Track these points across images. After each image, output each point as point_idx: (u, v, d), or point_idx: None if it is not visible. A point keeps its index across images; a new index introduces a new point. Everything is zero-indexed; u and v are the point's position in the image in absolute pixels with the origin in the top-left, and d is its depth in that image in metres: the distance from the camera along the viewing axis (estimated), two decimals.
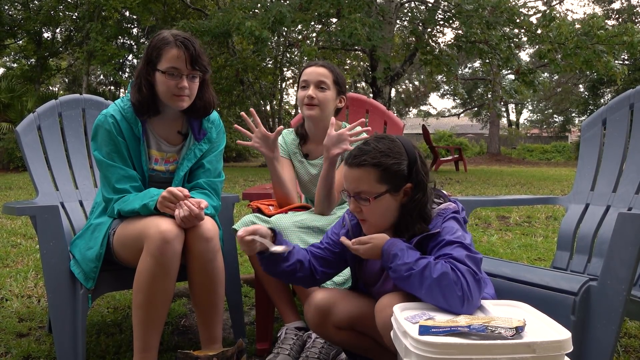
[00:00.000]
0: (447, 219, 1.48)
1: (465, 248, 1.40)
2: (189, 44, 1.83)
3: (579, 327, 1.47)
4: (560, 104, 30.70)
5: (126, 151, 1.89)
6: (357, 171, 1.49)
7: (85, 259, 1.85)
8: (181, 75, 1.84)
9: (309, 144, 2.29)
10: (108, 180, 1.88)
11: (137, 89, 1.89)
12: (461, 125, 38.38)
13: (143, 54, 1.91)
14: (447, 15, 13.27)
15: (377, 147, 1.49)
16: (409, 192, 1.51)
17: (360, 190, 1.50)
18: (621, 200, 2.13)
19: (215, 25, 11.42)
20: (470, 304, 1.32)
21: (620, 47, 11.46)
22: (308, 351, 1.89)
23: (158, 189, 1.84)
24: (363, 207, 1.51)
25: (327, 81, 2.15)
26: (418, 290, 1.37)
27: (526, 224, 5.25)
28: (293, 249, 1.64)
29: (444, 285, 1.31)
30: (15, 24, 18.52)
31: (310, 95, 2.13)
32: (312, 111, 2.15)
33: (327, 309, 1.63)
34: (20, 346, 2.15)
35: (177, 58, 1.82)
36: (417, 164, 1.51)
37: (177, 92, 1.85)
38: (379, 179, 1.48)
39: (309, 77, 2.15)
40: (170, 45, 1.83)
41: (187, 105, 1.91)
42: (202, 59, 1.86)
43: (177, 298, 2.84)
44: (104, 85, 23.65)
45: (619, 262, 1.45)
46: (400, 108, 32.63)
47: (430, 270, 1.34)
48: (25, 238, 4.39)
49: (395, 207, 1.52)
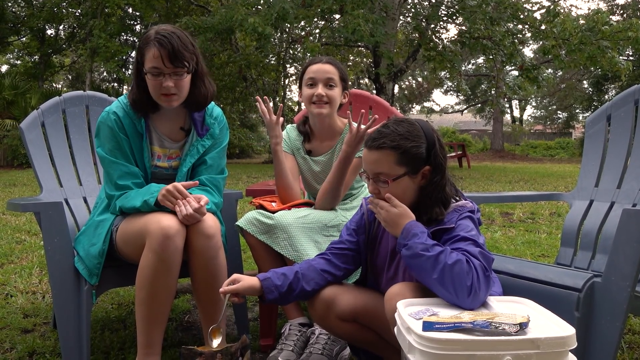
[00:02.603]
0: (462, 217, 1.49)
1: (478, 246, 1.40)
2: (166, 42, 1.76)
3: (583, 323, 1.46)
4: (564, 100, 30.58)
5: (128, 148, 1.89)
6: (376, 153, 1.51)
7: (89, 255, 1.86)
8: (163, 74, 1.80)
9: (312, 141, 2.28)
10: (110, 176, 1.89)
11: (132, 88, 1.91)
12: (464, 121, 38.29)
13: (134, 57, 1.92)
14: (451, 11, 13.21)
15: (396, 130, 1.51)
16: (428, 175, 1.52)
17: (379, 172, 1.51)
18: (626, 196, 2.12)
19: (218, 21, 11.42)
20: (476, 297, 1.32)
21: (624, 42, 11.41)
22: (312, 347, 1.89)
23: (158, 184, 1.85)
24: (381, 188, 1.52)
25: (335, 78, 2.14)
26: (429, 273, 1.36)
27: (530, 221, 5.24)
28: (293, 275, 1.63)
29: (456, 272, 1.32)
30: (19, 21, 18.55)
31: (320, 93, 2.11)
32: (322, 109, 2.13)
33: (331, 301, 1.64)
34: (25, 342, 2.16)
35: (155, 58, 1.78)
36: (436, 147, 1.52)
37: (164, 90, 1.82)
38: (398, 162, 1.49)
39: (317, 75, 2.13)
40: (149, 46, 1.79)
41: (177, 103, 1.89)
42: (183, 54, 1.79)
43: (181, 294, 2.85)
44: (107, 82, 23.69)
45: (623, 259, 1.45)
46: (404, 104, 32.56)
47: (445, 255, 1.35)
48: (29, 234, 4.41)
49: (413, 190, 1.53)
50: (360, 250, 1.70)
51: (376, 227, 1.69)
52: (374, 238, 1.69)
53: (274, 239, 2.00)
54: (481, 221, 1.58)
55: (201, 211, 1.75)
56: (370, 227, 1.69)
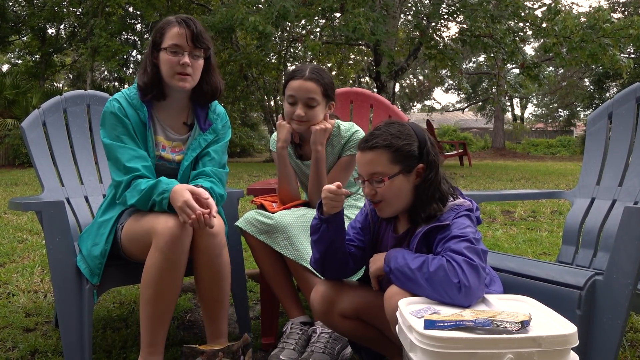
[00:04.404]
0: (459, 215, 1.49)
1: (467, 241, 1.41)
2: (190, 22, 1.88)
3: (585, 321, 1.46)
4: (566, 98, 30.53)
5: (134, 133, 1.90)
6: (370, 154, 1.53)
7: (91, 255, 1.86)
8: (183, 52, 1.87)
9: (303, 146, 2.25)
10: (118, 161, 1.85)
11: (142, 71, 1.94)
12: (465, 119, 38.24)
13: (150, 40, 1.95)
14: (452, 9, 13.20)
15: (387, 131, 1.54)
16: (422, 173, 1.54)
17: (374, 172, 1.53)
18: (627, 194, 2.12)
19: (218, 20, 11.41)
20: (468, 290, 1.32)
21: (626, 40, 11.40)
22: (313, 346, 1.89)
23: (167, 183, 1.80)
24: (378, 189, 1.54)
25: (317, 97, 2.07)
26: (419, 285, 1.39)
27: (531, 219, 5.24)
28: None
29: (441, 276, 1.34)
30: (20, 20, 18.56)
31: (300, 114, 2.06)
32: (301, 126, 2.11)
33: (334, 297, 1.65)
34: (27, 341, 2.16)
35: (178, 35, 1.86)
36: (427, 145, 1.55)
37: (180, 69, 1.87)
38: (392, 160, 1.51)
39: (297, 94, 2.06)
40: (172, 25, 1.89)
41: (190, 86, 1.91)
42: (204, 37, 1.89)
43: (183, 293, 2.85)
44: (108, 81, 23.69)
45: (625, 256, 1.45)
46: (405, 103, 32.56)
47: (427, 265, 1.38)
48: (31, 234, 4.41)
49: (408, 189, 1.54)
50: (366, 250, 1.71)
51: (378, 227, 1.70)
52: (376, 238, 1.70)
53: (274, 239, 2.00)
54: (481, 219, 1.58)
55: (209, 223, 1.75)
56: (375, 227, 1.70)
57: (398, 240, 1.61)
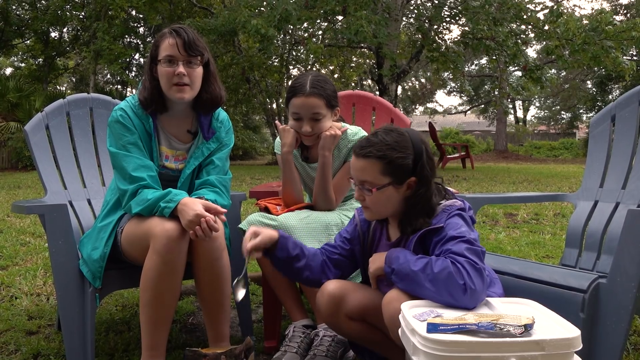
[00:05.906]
0: (452, 216, 1.49)
1: (466, 242, 1.41)
2: (182, 31, 1.87)
3: (589, 324, 1.46)
4: (568, 101, 30.50)
5: (141, 142, 1.90)
6: (362, 161, 1.53)
7: (91, 259, 1.86)
8: (177, 62, 1.86)
9: (310, 148, 2.26)
10: (124, 170, 1.86)
11: (143, 87, 1.94)
12: (468, 122, 38.20)
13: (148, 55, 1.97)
14: (454, 12, 13.21)
15: (384, 140, 1.53)
16: (413, 186, 1.53)
17: (364, 180, 1.54)
18: (631, 196, 2.11)
19: (221, 23, 11.44)
20: (474, 293, 1.32)
21: (628, 42, 11.39)
22: (316, 349, 1.89)
23: (176, 194, 1.80)
24: (366, 196, 1.55)
25: (321, 110, 2.07)
26: (422, 287, 1.38)
27: (534, 221, 5.22)
28: (304, 251, 1.69)
29: (446, 277, 1.33)
30: (23, 23, 18.64)
31: (307, 129, 2.08)
32: (310, 137, 2.12)
33: (340, 298, 1.64)
34: (30, 344, 2.17)
35: (170, 46, 1.86)
36: (423, 158, 1.53)
37: (176, 79, 1.86)
38: (383, 171, 1.51)
39: (301, 111, 2.06)
40: (165, 36, 1.89)
41: (189, 96, 1.90)
42: (197, 44, 1.88)
43: (185, 296, 2.85)
44: (111, 84, 23.76)
45: (628, 259, 1.44)
46: (407, 105, 32.56)
47: (431, 266, 1.37)
48: (34, 237, 4.42)
49: (397, 199, 1.55)
50: (356, 259, 1.72)
51: (371, 236, 1.70)
52: (369, 247, 1.70)
53: None
54: (474, 219, 1.58)
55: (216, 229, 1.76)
56: (365, 238, 1.70)
57: (392, 247, 1.61)
